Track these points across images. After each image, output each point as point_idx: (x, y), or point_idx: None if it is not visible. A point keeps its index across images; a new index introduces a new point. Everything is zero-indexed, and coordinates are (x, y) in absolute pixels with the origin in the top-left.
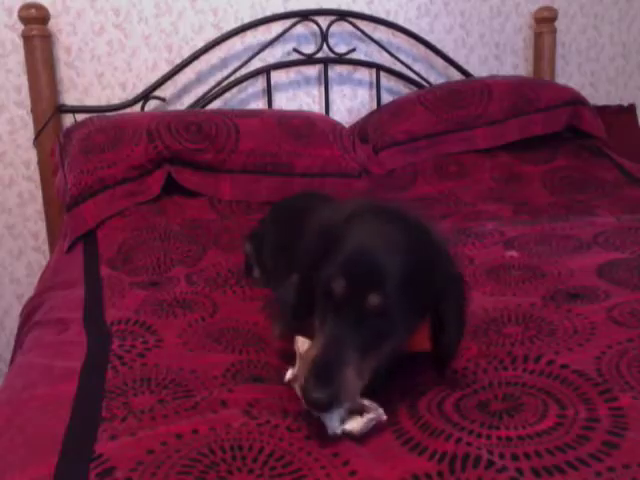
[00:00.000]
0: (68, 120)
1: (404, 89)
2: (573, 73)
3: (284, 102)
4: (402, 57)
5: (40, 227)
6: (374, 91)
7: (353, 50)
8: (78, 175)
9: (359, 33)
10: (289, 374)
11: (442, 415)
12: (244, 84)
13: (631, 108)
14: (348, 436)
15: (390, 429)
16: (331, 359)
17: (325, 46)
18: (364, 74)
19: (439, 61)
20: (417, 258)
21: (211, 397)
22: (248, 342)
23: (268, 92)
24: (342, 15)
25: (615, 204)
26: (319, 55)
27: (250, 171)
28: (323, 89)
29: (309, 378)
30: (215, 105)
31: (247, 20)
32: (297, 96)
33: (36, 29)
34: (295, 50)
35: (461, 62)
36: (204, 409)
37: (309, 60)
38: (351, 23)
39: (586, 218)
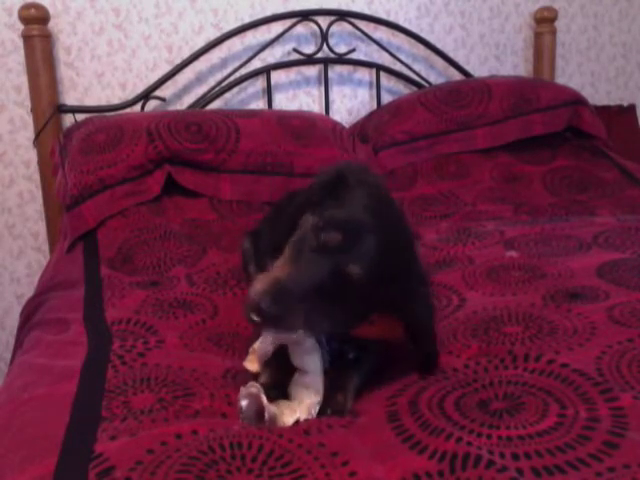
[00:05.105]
0: (68, 120)
1: (404, 89)
2: (573, 73)
3: (284, 102)
4: (402, 57)
5: (40, 227)
6: (374, 91)
7: (353, 50)
8: (78, 175)
9: (359, 33)
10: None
11: (443, 413)
12: (244, 84)
13: (631, 108)
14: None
15: (390, 426)
16: (291, 288)
17: (325, 46)
18: (364, 74)
19: (439, 61)
20: (401, 250)
21: (212, 409)
22: (248, 346)
23: (268, 92)
24: (342, 15)
25: (615, 204)
26: (319, 55)
27: (250, 171)
28: (323, 89)
29: (266, 291)
30: (215, 105)
31: (247, 20)
32: (297, 96)
33: (36, 29)
34: (295, 50)
35: (461, 62)
36: (205, 417)
37: (309, 60)
38: (351, 23)
39: (586, 218)
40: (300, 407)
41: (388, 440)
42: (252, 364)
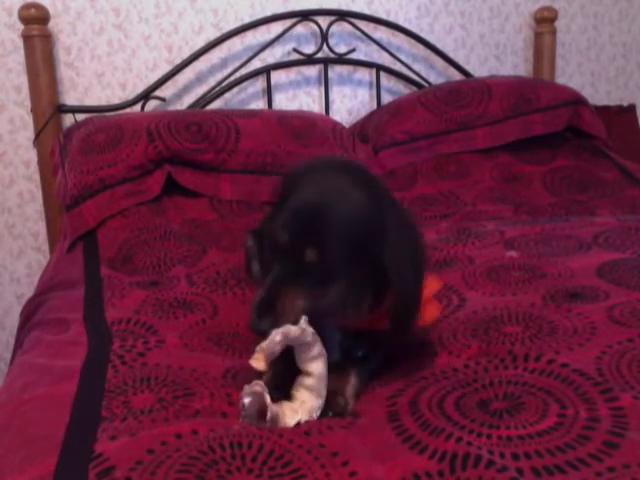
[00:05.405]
0: (68, 120)
1: (404, 89)
2: (573, 73)
3: (284, 102)
4: (402, 57)
5: (40, 227)
6: (374, 91)
7: (353, 50)
8: (78, 175)
9: (359, 33)
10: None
11: (443, 413)
12: (244, 84)
13: (631, 108)
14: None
15: (390, 426)
16: (271, 296)
17: (325, 46)
18: (364, 74)
19: (439, 61)
20: (361, 215)
21: (212, 409)
22: (248, 346)
23: (268, 92)
24: (342, 15)
25: (615, 204)
26: (319, 55)
27: (250, 171)
28: (323, 89)
29: (252, 313)
30: (215, 105)
31: (247, 20)
32: (297, 96)
33: (36, 29)
34: (295, 50)
35: (461, 62)
36: (205, 417)
37: (309, 60)
38: (351, 23)
39: (586, 218)
40: (302, 409)
41: (388, 440)
42: (259, 362)
